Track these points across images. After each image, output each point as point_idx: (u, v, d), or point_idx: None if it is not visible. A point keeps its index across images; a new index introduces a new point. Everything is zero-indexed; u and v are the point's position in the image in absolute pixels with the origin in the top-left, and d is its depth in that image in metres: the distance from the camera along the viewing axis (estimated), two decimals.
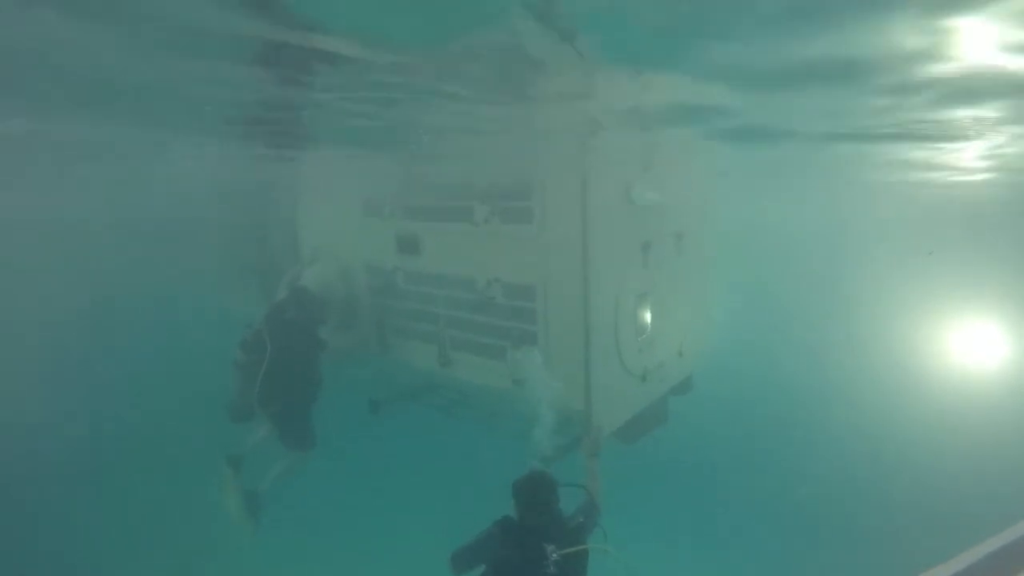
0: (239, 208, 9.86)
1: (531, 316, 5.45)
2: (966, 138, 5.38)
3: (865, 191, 12.21)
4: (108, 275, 11.86)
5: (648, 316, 5.90)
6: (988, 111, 4.16)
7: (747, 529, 7.90)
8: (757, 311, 13.33)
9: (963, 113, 4.20)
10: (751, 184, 10.80)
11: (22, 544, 6.84)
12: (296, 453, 6.37)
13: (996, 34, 2.49)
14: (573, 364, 5.18)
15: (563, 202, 5.06)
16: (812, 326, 13.95)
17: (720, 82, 3.23)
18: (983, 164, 7.53)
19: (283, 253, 8.45)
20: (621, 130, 4.50)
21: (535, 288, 5.38)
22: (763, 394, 10.80)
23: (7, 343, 10.02)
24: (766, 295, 14.89)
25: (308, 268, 7.45)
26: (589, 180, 4.95)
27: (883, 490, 8.29)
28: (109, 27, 2.38)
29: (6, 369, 9.22)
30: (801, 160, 6.97)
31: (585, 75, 3.13)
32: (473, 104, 3.71)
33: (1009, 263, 15.28)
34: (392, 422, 7.11)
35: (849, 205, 16.04)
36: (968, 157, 6.91)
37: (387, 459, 8.21)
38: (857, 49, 2.66)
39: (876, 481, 8.55)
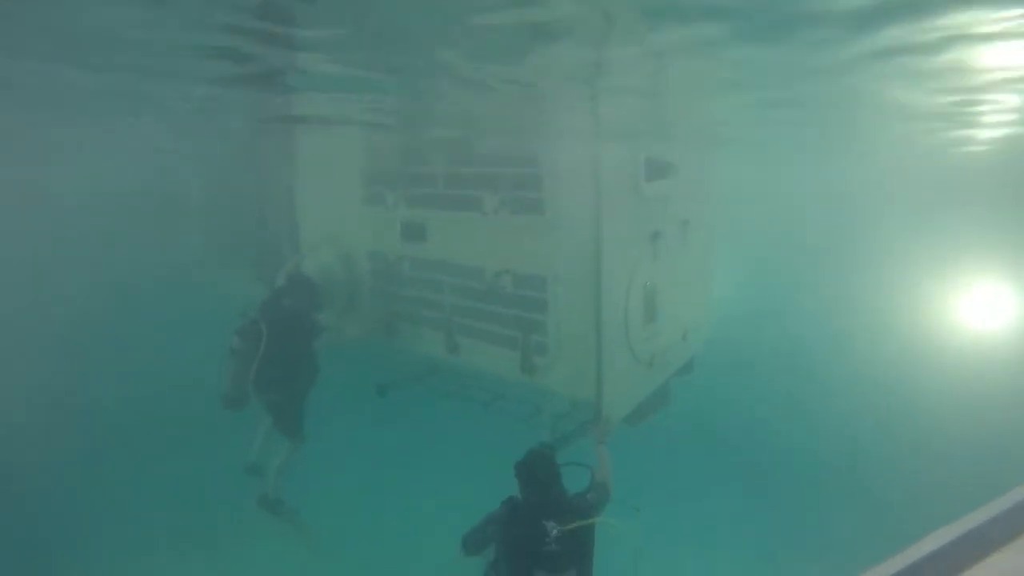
0: (233, 187, 9.70)
1: (542, 306, 5.48)
2: None
3: (879, 156, 12.15)
4: (93, 254, 11.61)
5: (656, 305, 5.97)
6: None
7: (757, 497, 8.19)
8: (765, 282, 13.44)
9: None
10: (761, 151, 10.73)
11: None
12: (290, 443, 6.43)
13: None
14: (584, 354, 5.25)
15: (575, 194, 5.06)
16: (821, 295, 14.03)
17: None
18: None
19: (281, 237, 8.37)
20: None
21: (546, 279, 5.40)
22: (772, 364, 10.97)
23: None
24: (773, 266, 14.96)
25: (309, 255, 7.40)
26: (601, 172, 4.95)
27: (898, 457, 8.50)
28: None
29: None
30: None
31: None
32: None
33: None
34: (399, 406, 7.19)
35: (863, 170, 15.92)
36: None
37: (394, 443, 8.31)
38: None
39: (891, 448, 8.77)
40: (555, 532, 3.59)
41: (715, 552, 7.27)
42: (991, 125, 7.40)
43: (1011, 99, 5.35)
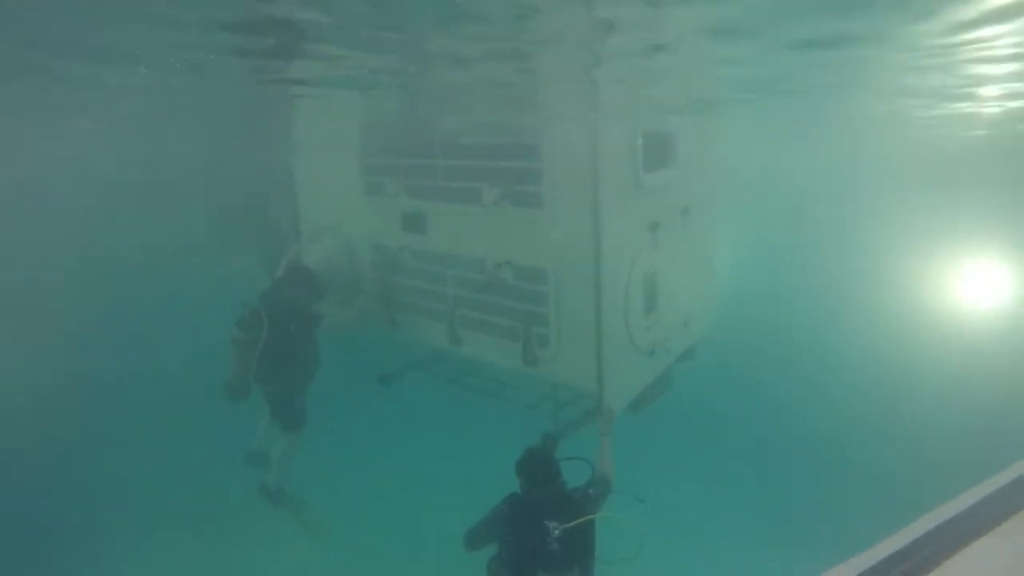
0: (234, 169, 9.65)
1: (542, 299, 5.50)
2: None
3: (876, 131, 12.00)
4: (92, 238, 11.57)
5: (657, 294, 5.99)
6: None
7: (763, 478, 8.31)
8: (766, 263, 13.42)
9: None
10: (758, 128, 10.61)
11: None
12: (290, 433, 6.49)
13: None
14: (585, 346, 5.29)
15: (574, 188, 5.04)
16: (823, 275, 14.02)
17: None
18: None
19: (284, 225, 8.37)
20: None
21: (546, 272, 5.41)
22: (773, 345, 11.03)
23: None
24: (774, 247, 14.92)
25: (310, 244, 7.41)
26: (600, 166, 4.92)
27: (901, 436, 8.56)
28: None
29: None
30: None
31: None
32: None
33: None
34: (401, 396, 7.28)
35: (859, 147, 15.74)
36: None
37: (398, 432, 8.40)
38: None
39: (894, 427, 8.84)
40: (557, 533, 3.62)
41: (719, 537, 7.37)
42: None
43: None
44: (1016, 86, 6.24)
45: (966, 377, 9.65)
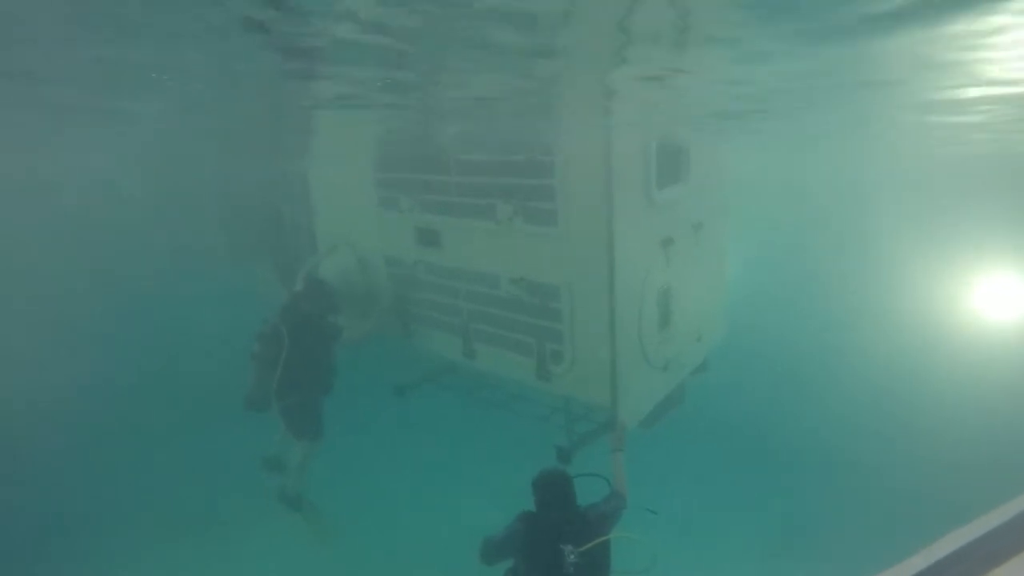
0: (250, 181, 9.77)
1: (556, 315, 5.55)
2: None
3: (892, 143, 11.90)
4: (107, 246, 11.72)
5: (670, 309, 6.02)
6: None
7: (776, 491, 8.26)
8: (778, 270, 13.35)
9: None
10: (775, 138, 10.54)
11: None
12: (306, 442, 6.56)
13: None
14: (599, 363, 5.33)
15: (588, 205, 5.09)
16: (836, 283, 13.91)
17: None
18: None
19: (298, 236, 8.48)
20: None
21: (560, 288, 5.46)
22: (786, 354, 10.99)
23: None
24: (787, 254, 14.83)
25: (327, 258, 7.51)
26: (613, 183, 4.96)
27: (915, 450, 8.45)
28: None
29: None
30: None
31: None
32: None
33: None
34: (415, 407, 7.35)
35: (874, 160, 15.61)
36: None
37: (410, 444, 8.47)
38: None
39: (908, 441, 8.74)
40: (572, 557, 3.61)
41: (732, 550, 7.36)
42: None
43: None
44: None
45: (982, 390, 9.55)
